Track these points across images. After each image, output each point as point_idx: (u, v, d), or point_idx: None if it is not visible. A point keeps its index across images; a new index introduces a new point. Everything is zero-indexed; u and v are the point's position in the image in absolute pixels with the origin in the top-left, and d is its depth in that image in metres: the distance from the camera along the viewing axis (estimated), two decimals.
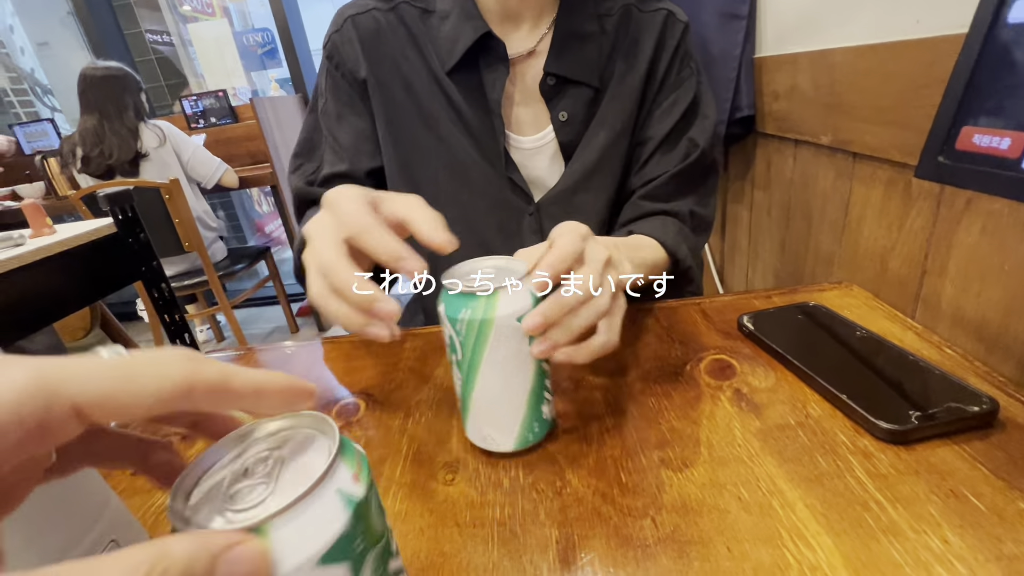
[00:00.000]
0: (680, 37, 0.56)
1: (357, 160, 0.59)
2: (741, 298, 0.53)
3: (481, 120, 0.56)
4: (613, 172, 0.58)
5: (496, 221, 0.59)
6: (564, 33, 0.54)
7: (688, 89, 0.57)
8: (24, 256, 0.77)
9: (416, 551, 0.29)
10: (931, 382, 0.35)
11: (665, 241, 0.51)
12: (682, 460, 0.33)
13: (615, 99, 0.56)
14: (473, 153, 0.57)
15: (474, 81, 0.55)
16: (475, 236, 0.59)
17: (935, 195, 0.45)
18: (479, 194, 0.58)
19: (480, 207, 0.58)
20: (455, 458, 0.36)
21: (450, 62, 0.54)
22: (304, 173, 0.61)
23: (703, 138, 0.57)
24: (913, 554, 0.25)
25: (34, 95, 3.15)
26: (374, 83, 0.57)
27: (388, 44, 0.56)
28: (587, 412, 0.39)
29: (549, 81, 0.55)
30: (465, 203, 0.58)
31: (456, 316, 0.30)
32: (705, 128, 0.57)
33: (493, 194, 0.58)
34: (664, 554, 0.27)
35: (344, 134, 0.59)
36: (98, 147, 1.79)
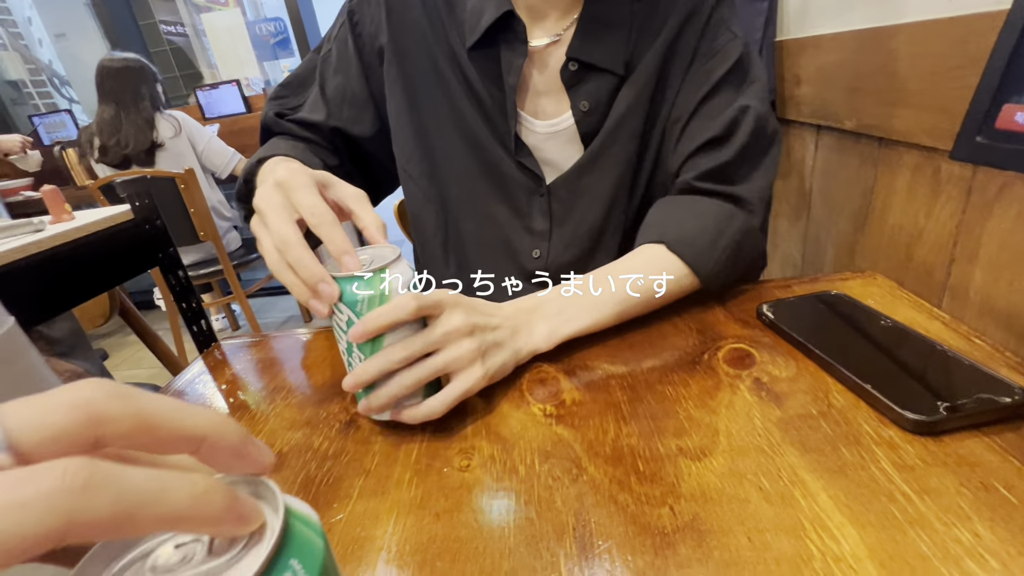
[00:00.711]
0: (713, 7, 0.53)
1: (334, 115, 0.59)
2: (760, 287, 0.52)
3: (495, 101, 0.55)
4: (624, 152, 0.55)
5: (505, 197, 0.59)
6: (590, 18, 0.52)
7: (725, 56, 0.52)
8: (44, 242, 0.79)
9: (432, 536, 0.29)
10: (960, 372, 0.34)
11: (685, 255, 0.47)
12: (700, 449, 0.32)
13: (634, 82, 0.54)
14: (485, 130, 0.56)
15: (492, 61, 0.54)
16: (483, 209, 0.59)
17: (966, 180, 0.44)
18: (490, 169, 0.58)
19: (490, 182, 0.58)
20: (470, 445, 0.36)
21: (471, 38, 0.53)
22: (283, 105, 0.62)
23: (755, 101, 0.51)
24: (942, 547, 0.24)
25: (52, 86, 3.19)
26: (394, 50, 0.56)
27: (414, 9, 0.55)
28: (603, 400, 0.38)
29: (571, 67, 0.53)
30: (476, 176, 0.58)
31: (355, 298, 0.33)
32: (756, 92, 0.52)
33: (504, 171, 0.57)
34: (683, 543, 0.26)
35: (332, 87, 0.59)
36: (115, 136, 1.81)
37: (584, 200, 0.57)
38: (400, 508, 0.31)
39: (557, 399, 0.39)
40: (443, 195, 0.60)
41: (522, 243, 0.59)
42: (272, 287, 2.71)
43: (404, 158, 0.61)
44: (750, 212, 0.50)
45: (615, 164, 0.56)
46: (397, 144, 0.61)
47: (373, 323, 0.33)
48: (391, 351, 0.35)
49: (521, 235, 0.59)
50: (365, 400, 0.36)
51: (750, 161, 0.51)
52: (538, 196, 0.58)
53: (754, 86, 0.53)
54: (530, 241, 0.59)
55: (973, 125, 0.27)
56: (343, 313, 0.34)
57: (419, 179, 0.61)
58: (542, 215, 0.58)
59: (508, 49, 0.53)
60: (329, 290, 0.33)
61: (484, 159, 0.57)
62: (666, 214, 0.52)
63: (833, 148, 0.66)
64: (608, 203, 0.57)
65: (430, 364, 0.36)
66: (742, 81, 0.53)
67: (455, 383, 0.37)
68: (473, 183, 0.58)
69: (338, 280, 0.34)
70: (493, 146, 0.57)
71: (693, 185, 0.52)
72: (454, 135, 0.57)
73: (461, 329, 0.36)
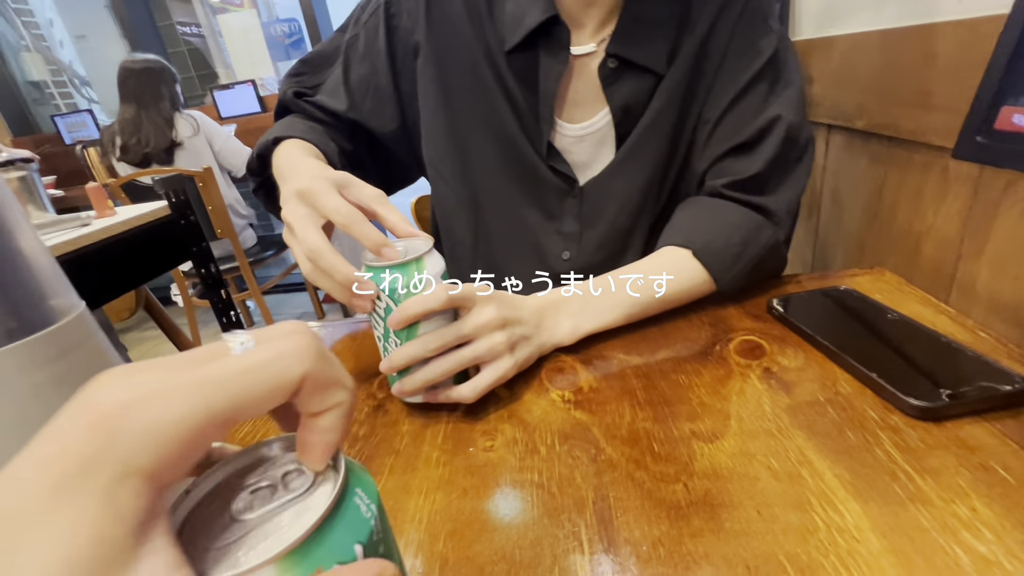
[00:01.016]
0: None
1: (355, 106, 0.59)
2: (770, 283, 0.53)
3: (529, 104, 0.55)
4: (655, 152, 0.54)
5: (536, 199, 0.58)
6: (632, 18, 0.51)
7: (758, 53, 0.50)
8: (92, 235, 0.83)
9: (461, 508, 0.31)
10: (963, 362, 0.36)
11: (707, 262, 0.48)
12: (712, 432, 0.34)
13: (669, 80, 0.52)
14: (519, 132, 0.56)
15: (530, 65, 0.54)
16: (514, 210, 0.59)
17: (973, 179, 0.45)
18: (522, 171, 0.57)
19: (522, 183, 0.58)
20: (493, 427, 0.38)
21: (510, 41, 0.53)
22: (302, 83, 0.61)
23: (787, 110, 0.50)
24: (940, 520, 0.26)
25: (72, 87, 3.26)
26: (432, 46, 0.56)
27: (454, 3, 0.55)
28: (619, 387, 0.40)
29: (610, 64, 0.52)
30: (508, 177, 0.58)
31: (394, 286, 0.35)
32: (789, 99, 0.50)
33: (536, 173, 0.57)
34: (696, 515, 0.28)
35: (357, 77, 0.59)
36: (136, 136, 1.86)
37: (615, 201, 0.57)
38: (429, 484, 0.33)
39: (575, 386, 0.41)
40: (475, 197, 0.60)
41: (552, 245, 0.59)
42: (286, 284, 2.75)
43: (437, 158, 0.60)
44: (777, 225, 0.50)
45: (646, 165, 0.55)
46: (429, 143, 0.60)
47: (409, 311, 0.36)
48: (425, 339, 0.37)
49: (551, 237, 0.59)
50: (399, 383, 0.39)
51: (779, 173, 0.51)
52: (570, 198, 0.58)
53: (788, 91, 0.51)
54: (560, 243, 0.59)
55: (973, 126, 0.28)
56: (381, 301, 0.36)
57: (452, 181, 0.60)
58: (573, 217, 0.58)
59: (548, 55, 0.53)
60: (366, 287, 0.35)
61: (517, 160, 0.57)
62: (694, 218, 0.52)
63: (843, 147, 0.67)
64: (638, 204, 0.57)
65: (462, 354, 0.38)
66: (775, 82, 0.51)
67: (486, 372, 0.39)
68: (505, 184, 0.58)
69: (377, 269, 0.36)
70: (526, 148, 0.56)
71: (722, 192, 0.52)
72: (487, 135, 0.57)
73: (492, 322, 0.38)
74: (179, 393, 0.13)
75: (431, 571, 0.27)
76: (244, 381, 0.14)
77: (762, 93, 0.51)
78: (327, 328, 0.58)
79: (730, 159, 0.52)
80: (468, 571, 0.27)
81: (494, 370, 0.39)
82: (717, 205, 0.52)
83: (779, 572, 0.25)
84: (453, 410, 0.40)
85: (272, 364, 0.14)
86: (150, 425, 0.12)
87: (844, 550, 0.25)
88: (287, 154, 0.52)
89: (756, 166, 0.50)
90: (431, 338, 0.37)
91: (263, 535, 0.14)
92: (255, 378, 0.14)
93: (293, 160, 0.50)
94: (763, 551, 0.26)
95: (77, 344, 0.26)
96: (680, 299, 0.48)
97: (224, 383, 0.13)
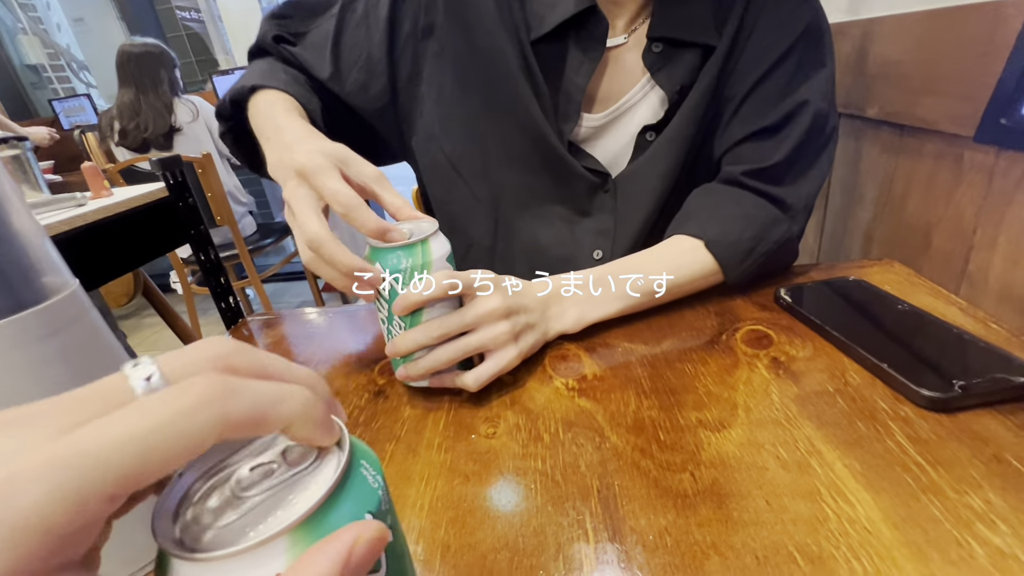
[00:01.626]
0: None
1: (339, 76, 0.53)
2: (778, 274, 0.52)
3: (555, 98, 0.52)
4: (688, 137, 0.51)
5: (565, 196, 0.55)
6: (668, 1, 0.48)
7: (790, 29, 0.46)
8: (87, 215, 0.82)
9: (463, 495, 0.30)
10: (975, 353, 0.35)
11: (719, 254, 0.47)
12: (719, 421, 0.33)
13: (716, 54, 0.48)
14: (544, 125, 0.52)
15: (559, 56, 0.50)
16: (539, 209, 0.55)
17: (988, 167, 0.44)
18: (549, 166, 0.53)
19: (549, 179, 0.54)
20: (495, 414, 0.37)
21: (539, 30, 0.49)
22: (285, 28, 0.55)
23: (816, 95, 0.46)
24: (954, 512, 0.25)
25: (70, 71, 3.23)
26: (449, 29, 0.52)
27: None
28: (623, 376, 0.39)
29: (655, 48, 0.48)
30: (534, 172, 0.54)
31: (398, 267, 0.35)
32: (819, 82, 0.47)
33: (565, 168, 0.53)
34: (704, 504, 0.28)
35: (349, 43, 0.53)
36: (135, 120, 1.84)
37: (647, 191, 0.53)
38: (431, 471, 0.33)
39: (579, 374, 0.40)
40: (496, 196, 0.56)
41: (582, 244, 0.55)
42: (285, 272, 2.74)
43: (455, 155, 0.56)
44: (792, 219, 0.49)
45: (681, 149, 0.51)
46: (444, 138, 0.56)
47: (411, 299, 0.35)
48: (428, 327, 0.36)
49: (582, 235, 0.55)
50: (403, 368, 0.38)
51: (801, 163, 0.49)
52: (602, 192, 0.54)
53: (819, 74, 0.47)
54: (591, 241, 0.55)
55: (998, 108, 0.27)
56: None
57: (471, 179, 0.56)
58: (608, 212, 0.54)
59: (579, 47, 0.50)
60: (369, 276, 0.35)
61: (543, 155, 0.53)
62: (709, 208, 0.50)
63: (853, 136, 0.66)
64: (668, 190, 0.53)
65: (466, 343, 0.37)
66: (806, 62, 0.47)
67: (490, 362, 0.38)
68: (530, 181, 0.54)
69: (382, 251, 0.35)
70: (555, 141, 0.52)
71: (739, 180, 0.49)
72: (511, 126, 0.53)
73: (496, 312, 0.38)
74: (34, 477, 0.10)
75: (432, 558, 0.27)
76: (132, 451, 0.11)
77: (791, 73, 0.47)
78: (327, 315, 0.57)
79: (751, 144, 0.49)
80: (470, 558, 0.26)
81: (498, 360, 0.38)
82: (733, 195, 0.50)
83: (789, 563, 0.24)
84: (455, 396, 0.39)
85: (175, 423, 0.12)
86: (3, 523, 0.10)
87: (856, 541, 0.25)
88: (268, 109, 0.48)
89: (778, 155, 0.48)
90: (435, 325, 0.36)
91: (269, 510, 0.14)
92: (148, 444, 0.11)
93: (276, 119, 0.46)
94: (772, 541, 0.25)
95: (70, 322, 0.25)
96: (688, 290, 0.47)
97: (103, 457, 0.11)
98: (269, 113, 0.47)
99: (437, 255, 0.35)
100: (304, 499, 0.14)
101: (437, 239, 0.36)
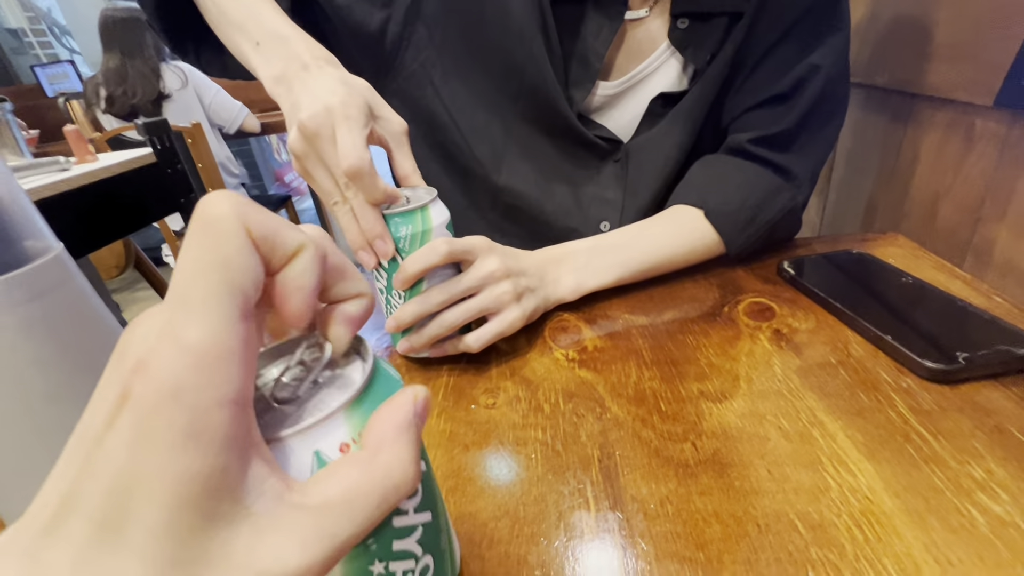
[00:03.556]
0: None
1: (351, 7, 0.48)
2: (780, 246, 0.52)
3: (568, 64, 0.49)
4: (699, 103, 0.49)
5: (574, 166, 0.53)
6: None
7: None
8: (71, 180, 0.78)
9: (462, 464, 0.30)
10: (979, 325, 0.35)
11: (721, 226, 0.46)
12: (721, 392, 0.33)
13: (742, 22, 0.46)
14: (554, 85, 0.49)
15: (576, 18, 0.48)
16: (545, 179, 0.53)
17: (1000, 137, 0.43)
18: (558, 132, 0.51)
19: (556, 148, 0.52)
20: (495, 385, 0.37)
21: None
22: None
23: (829, 60, 0.44)
24: (955, 481, 0.25)
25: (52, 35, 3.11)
26: None
27: None
28: (624, 347, 0.39)
29: (680, 25, 0.46)
30: (543, 135, 0.52)
31: (397, 234, 0.34)
32: (834, 47, 0.45)
33: (574, 135, 0.51)
34: (705, 474, 0.28)
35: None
36: (121, 86, 1.79)
37: (660, 162, 0.51)
38: (429, 441, 0.32)
39: (579, 345, 0.40)
40: (496, 154, 0.53)
41: (588, 216, 0.53)
42: None
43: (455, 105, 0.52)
44: (797, 188, 0.48)
45: (696, 120, 0.50)
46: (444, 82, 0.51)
47: (411, 268, 0.34)
48: (429, 294, 0.35)
49: (589, 205, 0.53)
50: (405, 340, 0.37)
51: (809, 130, 0.47)
52: (612, 162, 0.52)
53: (834, 38, 0.45)
54: (598, 212, 0.53)
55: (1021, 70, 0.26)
56: None
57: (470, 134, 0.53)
58: (616, 182, 0.52)
59: (599, 11, 0.47)
60: (384, 248, 0.33)
61: (551, 118, 0.50)
62: (711, 178, 0.49)
63: (861, 106, 0.64)
64: (683, 161, 0.51)
65: (469, 306, 0.36)
66: (821, 25, 0.45)
67: (494, 322, 0.38)
68: (536, 145, 0.52)
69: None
70: (563, 105, 0.49)
71: (745, 148, 0.48)
72: (519, 87, 0.50)
73: (496, 273, 0.37)
74: None
75: None
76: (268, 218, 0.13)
77: (805, 37, 0.45)
78: None
79: (759, 111, 0.48)
80: (470, 526, 0.26)
81: (501, 320, 0.38)
82: (736, 164, 0.49)
83: (790, 530, 0.24)
84: (454, 367, 0.39)
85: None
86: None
87: (857, 510, 0.25)
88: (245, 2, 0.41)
89: (786, 122, 0.46)
90: (436, 292, 0.36)
91: (312, 402, 0.15)
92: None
93: (262, 16, 0.40)
94: (774, 510, 0.25)
95: (54, 286, 0.24)
96: (687, 260, 0.47)
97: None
98: (252, 9, 0.41)
99: (437, 222, 0.34)
100: (341, 392, 0.15)
101: (436, 206, 0.35)
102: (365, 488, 0.13)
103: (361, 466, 0.13)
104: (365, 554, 0.17)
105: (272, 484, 0.12)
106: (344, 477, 0.13)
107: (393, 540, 0.17)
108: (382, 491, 0.13)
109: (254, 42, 0.40)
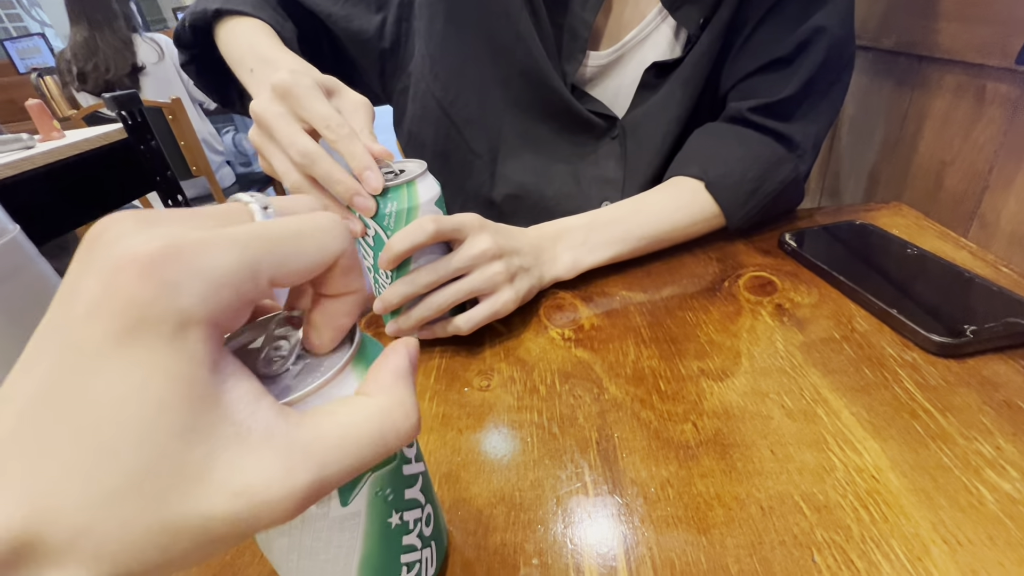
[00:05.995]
0: None
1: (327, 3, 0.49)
2: (781, 218, 0.50)
3: (558, 38, 0.47)
4: (701, 76, 0.47)
5: (570, 144, 0.51)
6: None
7: None
8: (35, 159, 0.74)
9: (456, 449, 0.29)
10: (986, 297, 0.34)
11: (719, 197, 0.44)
12: (722, 370, 0.32)
13: None
14: (545, 63, 0.47)
15: None
16: (542, 158, 0.51)
17: (1012, 101, 0.41)
18: (552, 109, 0.49)
19: (551, 126, 0.50)
20: (488, 367, 0.36)
21: None
22: None
23: (834, 21, 0.42)
24: (963, 459, 0.25)
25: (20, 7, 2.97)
26: None
27: None
28: (622, 325, 0.38)
29: None
30: (538, 116, 0.50)
31: (383, 211, 0.32)
32: (838, 8, 0.43)
33: (568, 112, 0.49)
34: (707, 455, 0.27)
35: None
36: (92, 60, 1.70)
37: (659, 136, 0.49)
38: (423, 425, 0.31)
39: (575, 324, 0.39)
40: (493, 145, 0.51)
41: (589, 196, 0.51)
42: None
43: (447, 101, 0.51)
44: (799, 158, 0.46)
45: (696, 90, 0.48)
46: (436, 78, 0.50)
47: (397, 247, 0.32)
48: (417, 275, 0.34)
49: (590, 186, 0.51)
50: (394, 323, 0.36)
51: (813, 97, 0.45)
52: (609, 140, 0.50)
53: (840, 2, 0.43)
54: (598, 192, 0.51)
55: None
56: (370, 228, 0.33)
57: (464, 127, 0.51)
58: (615, 160, 0.50)
59: None
60: (365, 203, 0.31)
61: (544, 98, 0.48)
62: (712, 148, 0.47)
63: (865, 70, 0.62)
64: (682, 135, 0.49)
65: (459, 287, 0.35)
66: None
67: (484, 304, 0.36)
68: (531, 127, 0.50)
69: None
70: (556, 83, 0.47)
71: (746, 116, 0.46)
72: (509, 69, 0.48)
73: (488, 252, 0.35)
74: (228, 243, 0.12)
75: None
76: (291, 244, 0.13)
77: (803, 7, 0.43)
78: None
79: (760, 77, 0.46)
80: (466, 513, 0.25)
81: (493, 302, 0.36)
82: (737, 133, 0.47)
83: (795, 512, 0.23)
84: (446, 348, 0.38)
85: (315, 235, 0.13)
86: (204, 273, 0.11)
87: (863, 489, 0.24)
88: (246, 38, 0.43)
89: (789, 88, 0.44)
90: (423, 273, 0.34)
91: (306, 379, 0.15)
92: (300, 245, 0.13)
93: (259, 48, 0.41)
94: (777, 491, 0.24)
95: (10, 272, 0.23)
96: (688, 234, 0.45)
97: (273, 242, 0.12)
98: (249, 43, 0.42)
99: (425, 198, 0.32)
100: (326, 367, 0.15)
101: (425, 180, 0.33)
102: (363, 427, 0.13)
103: (359, 405, 0.14)
104: (384, 506, 0.17)
105: (269, 403, 0.12)
106: (342, 415, 0.13)
107: (405, 488, 0.18)
108: (380, 432, 0.13)
109: (249, 70, 0.41)
